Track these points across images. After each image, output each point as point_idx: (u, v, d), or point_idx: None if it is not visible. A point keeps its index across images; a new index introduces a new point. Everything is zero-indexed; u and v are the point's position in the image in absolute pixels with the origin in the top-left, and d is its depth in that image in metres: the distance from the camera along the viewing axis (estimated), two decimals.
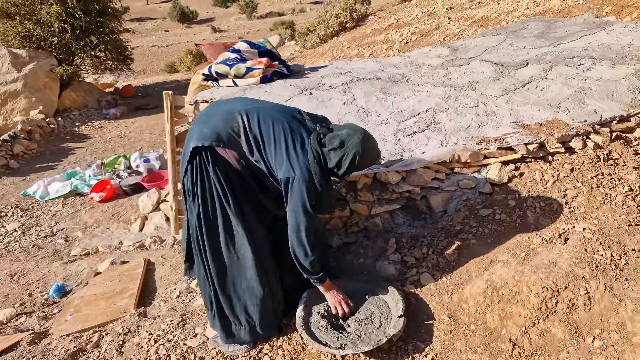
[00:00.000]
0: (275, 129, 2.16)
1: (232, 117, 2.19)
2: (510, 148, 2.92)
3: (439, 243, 2.72)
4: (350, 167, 2.13)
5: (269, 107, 2.30)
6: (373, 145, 2.19)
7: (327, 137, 2.14)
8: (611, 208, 2.65)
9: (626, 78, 3.46)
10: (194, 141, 2.17)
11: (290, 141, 2.14)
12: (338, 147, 2.10)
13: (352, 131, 2.14)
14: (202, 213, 2.25)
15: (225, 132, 2.17)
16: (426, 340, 2.27)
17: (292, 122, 2.20)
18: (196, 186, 2.22)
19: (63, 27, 8.70)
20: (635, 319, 2.15)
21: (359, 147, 2.09)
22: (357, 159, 2.10)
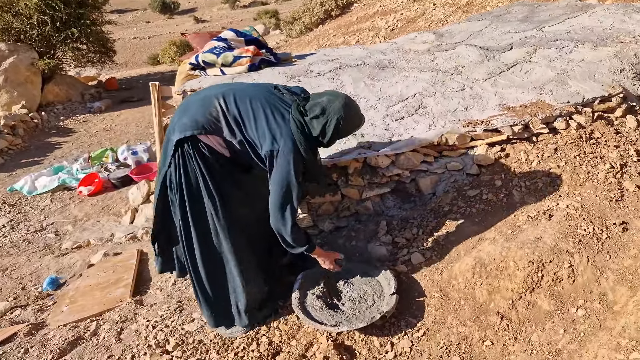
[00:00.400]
0: (253, 106, 2.14)
1: (209, 103, 2.18)
2: (496, 130, 2.99)
3: (429, 224, 2.79)
4: (334, 133, 2.11)
5: (245, 87, 2.30)
6: (355, 109, 2.18)
7: (308, 105, 2.12)
8: (593, 185, 2.75)
9: (607, 59, 3.55)
10: (176, 134, 2.15)
11: (270, 114, 2.12)
12: (320, 115, 2.08)
13: (332, 97, 2.12)
14: (189, 206, 2.23)
15: (204, 118, 2.15)
16: (418, 316, 2.35)
17: (270, 97, 2.19)
18: (180, 179, 2.20)
19: (43, 19, 8.50)
20: (616, 288, 2.25)
21: (342, 112, 2.07)
22: (340, 124, 2.08)
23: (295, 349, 2.28)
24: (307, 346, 2.29)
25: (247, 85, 2.33)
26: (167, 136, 2.26)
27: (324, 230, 3.01)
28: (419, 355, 2.18)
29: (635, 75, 3.44)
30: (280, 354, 2.28)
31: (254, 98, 2.17)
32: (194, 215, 2.25)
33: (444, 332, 2.25)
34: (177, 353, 2.39)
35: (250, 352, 2.31)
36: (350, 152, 2.89)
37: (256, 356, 2.27)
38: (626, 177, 2.81)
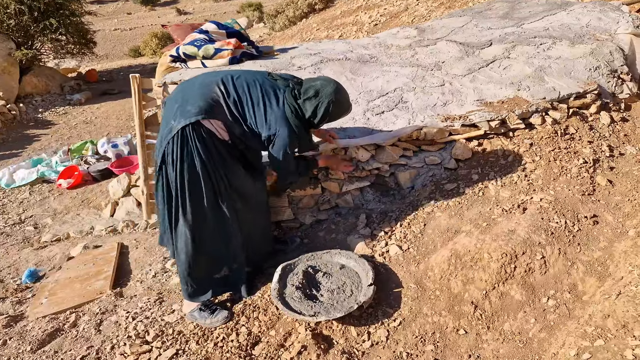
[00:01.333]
0: (251, 92, 2.31)
1: (209, 88, 2.30)
2: (473, 125, 3.05)
3: (407, 217, 2.84)
4: (324, 114, 2.33)
5: (241, 73, 2.42)
6: (345, 95, 2.41)
7: (302, 88, 2.33)
8: (567, 179, 2.83)
9: (583, 57, 3.64)
10: (179, 120, 2.21)
11: (267, 100, 2.30)
12: (313, 96, 2.29)
13: (325, 82, 2.33)
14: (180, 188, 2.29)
15: (206, 103, 2.25)
16: (395, 306, 2.40)
17: (265, 83, 2.36)
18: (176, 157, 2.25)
19: (20, 8, 8.30)
20: (585, 279, 2.33)
21: (333, 96, 2.30)
22: (330, 107, 2.31)
23: (274, 338, 2.31)
24: (286, 336, 2.32)
25: (242, 72, 2.44)
26: (165, 122, 2.31)
27: (305, 223, 3.04)
28: (394, 344, 2.23)
29: (610, 72, 3.53)
30: (260, 344, 2.31)
31: (251, 84, 2.33)
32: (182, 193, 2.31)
33: (419, 322, 2.30)
34: (157, 343, 2.41)
35: (229, 342, 2.33)
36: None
37: (235, 346, 2.29)
38: (598, 172, 2.90)
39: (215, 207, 2.36)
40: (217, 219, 2.39)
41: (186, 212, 2.32)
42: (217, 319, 2.45)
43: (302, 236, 2.98)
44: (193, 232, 2.35)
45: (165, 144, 2.27)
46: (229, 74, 2.38)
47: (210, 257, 2.46)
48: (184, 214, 2.32)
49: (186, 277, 2.44)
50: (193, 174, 2.28)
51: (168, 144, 2.26)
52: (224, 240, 2.45)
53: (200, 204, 2.33)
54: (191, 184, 2.29)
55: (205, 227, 2.38)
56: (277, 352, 2.24)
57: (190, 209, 2.31)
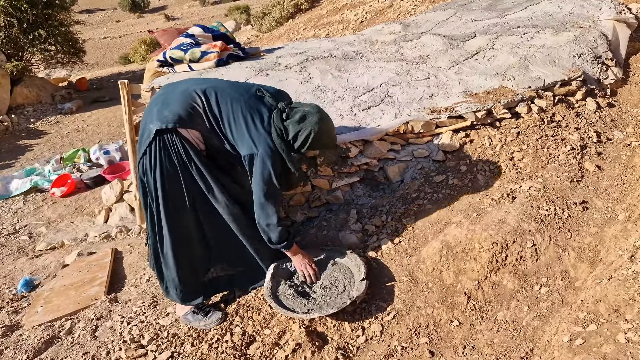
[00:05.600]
0: (234, 108, 2.23)
1: (190, 98, 2.24)
2: (460, 116, 3.05)
3: (397, 210, 2.85)
4: (304, 142, 2.24)
5: (226, 86, 2.34)
6: (329, 127, 2.33)
7: (291, 112, 2.25)
8: (555, 167, 2.84)
9: (567, 44, 3.65)
10: (155, 123, 2.18)
11: (250, 119, 2.21)
12: (297, 121, 2.22)
13: (313, 110, 2.26)
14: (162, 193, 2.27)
15: (185, 112, 2.20)
16: (388, 300, 2.40)
17: (250, 100, 2.27)
18: (155, 167, 2.23)
19: (9, 20, 8.28)
20: (577, 265, 2.34)
21: (316, 127, 2.22)
22: (311, 135, 2.23)
23: (269, 337, 2.31)
24: (280, 334, 2.32)
25: (227, 84, 2.37)
26: (143, 126, 2.28)
27: (296, 221, 3.04)
28: (389, 338, 2.23)
29: (594, 58, 3.55)
30: (254, 343, 2.31)
31: (234, 100, 2.25)
32: (166, 201, 2.29)
33: (413, 315, 2.31)
34: (152, 347, 2.41)
35: (224, 342, 2.33)
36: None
37: (230, 346, 2.29)
38: (586, 157, 2.92)
39: (192, 211, 2.34)
40: (196, 222, 2.38)
41: (167, 216, 2.31)
42: (211, 321, 2.46)
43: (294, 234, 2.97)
44: (174, 237, 2.35)
45: (144, 147, 2.25)
46: (213, 86, 2.29)
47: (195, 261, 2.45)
48: (166, 218, 2.31)
49: (176, 282, 2.44)
50: (172, 181, 2.25)
51: (147, 149, 2.23)
52: (205, 244, 2.45)
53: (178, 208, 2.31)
54: (170, 190, 2.27)
55: (185, 231, 2.37)
56: (272, 350, 2.24)
57: (168, 213, 2.30)
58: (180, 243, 2.37)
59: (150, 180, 2.27)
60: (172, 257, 2.37)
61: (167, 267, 2.42)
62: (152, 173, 2.25)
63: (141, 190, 2.40)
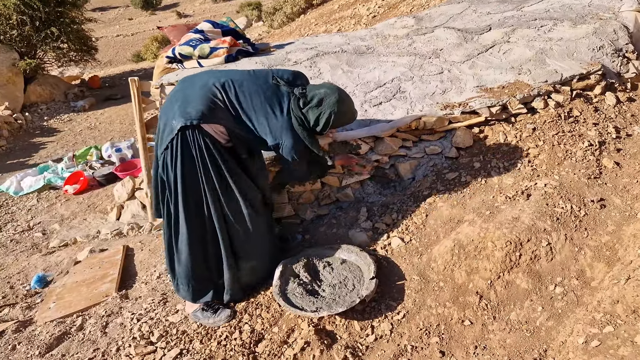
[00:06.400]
0: (253, 101, 2.26)
1: (210, 92, 2.25)
2: (474, 112, 2.99)
3: (408, 208, 2.80)
4: (326, 124, 2.29)
5: (244, 78, 2.34)
6: (349, 105, 2.37)
7: (308, 97, 2.27)
8: (571, 163, 2.76)
9: (586, 37, 3.55)
10: (179, 120, 2.17)
11: (270, 110, 2.25)
12: (316, 106, 2.25)
13: (329, 90, 2.28)
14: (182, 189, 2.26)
15: (207, 108, 2.20)
16: (398, 299, 2.36)
17: (268, 90, 2.29)
18: (176, 162, 2.23)
19: (22, 19, 8.38)
20: (593, 265, 2.27)
21: (335, 107, 2.26)
22: (332, 117, 2.27)
23: (277, 335, 2.29)
24: (289, 332, 2.29)
25: (245, 75, 2.36)
26: (164, 121, 2.27)
27: (306, 219, 3.01)
28: (399, 337, 2.19)
29: (614, 51, 3.44)
30: (263, 341, 2.29)
31: (252, 92, 2.27)
32: (186, 197, 2.28)
33: (423, 314, 2.26)
34: (161, 344, 2.41)
35: (233, 340, 2.31)
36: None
37: (239, 344, 2.28)
38: (605, 154, 2.83)
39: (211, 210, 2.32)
40: (211, 222, 2.35)
41: (186, 212, 2.30)
42: (220, 318, 2.44)
43: (303, 232, 2.95)
44: (190, 233, 2.33)
45: (166, 143, 2.24)
46: (232, 80, 2.30)
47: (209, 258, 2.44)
48: (185, 214, 2.30)
49: (189, 278, 2.43)
50: (192, 176, 2.25)
51: (169, 145, 2.23)
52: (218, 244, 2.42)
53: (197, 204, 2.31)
54: (190, 186, 2.26)
55: (201, 228, 2.36)
56: (281, 349, 2.22)
57: (187, 208, 2.30)
58: (196, 239, 2.36)
59: (171, 175, 2.27)
60: (188, 252, 2.36)
61: (180, 263, 2.41)
62: (173, 168, 2.25)
63: (159, 186, 2.41)
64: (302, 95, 2.26)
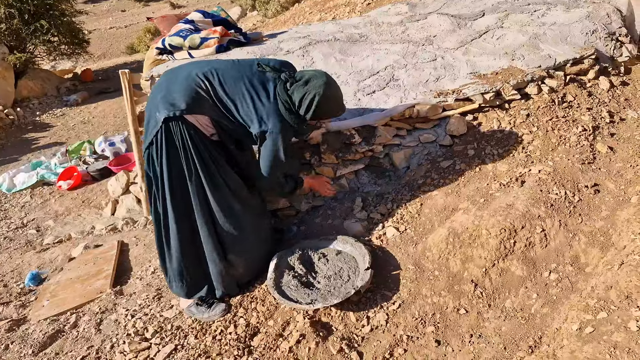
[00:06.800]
0: (237, 87, 2.20)
1: (194, 82, 2.20)
2: (467, 99, 2.96)
3: (403, 198, 2.78)
4: (309, 106, 2.17)
5: (228, 66, 2.30)
6: (335, 92, 2.26)
7: (296, 78, 2.21)
8: (565, 149, 2.74)
9: (579, 21, 3.51)
10: (162, 112, 2.14)
11: (256, 96, 2.19)
12: (302, 85, 2.16)
13: (318, 74, 2.22)
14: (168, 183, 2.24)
15: (191, 98, 2.16)
16: (393, 289, 2.35)
17: (253, 77, 2.24)
18: (162, 157, 2.20)
19: (10, 12, 8.24)
20: (587, 250, 2.27)
21: (321, 90, 2.15)
22: (316, 99, 2.15)
23: (273, 328, 2.28)
24: (284, 325, 2.28)
25: (228, 64, 2.32)
26: (148, 115, 2.25)
27: (301, 210, 2.99)
28: (394, 328, 2.19)
29: (607, 35, 3.41)
30: (258, 335, 2.28)
31: (237, 79, 2.21)
32: (173, 192, 2.26)
33: (419, 304, 2.26)
34: (156, 340, 2.39)
35: (228, 334, 2.30)
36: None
37: (234, 338, 2.27)
38: (598, 139, 2.81)
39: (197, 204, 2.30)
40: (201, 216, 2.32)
41: (174, 207, 2.28)
42: (214, 312, 2.43)
43: (298, 224, 2.93)
44: (180, 228, 2.32)
45: (151, 137, 2.21)
46: (215, 68, 2.25)
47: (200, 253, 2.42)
48: (173, 209, 2.28)
49: (182, 274, 2.41)
50: (179, 170, 2.22)
51: (154, 139, 2.20)
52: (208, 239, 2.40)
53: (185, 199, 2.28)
54: (177, 180, 2.24)
55: (191, 223, 2.34)
56: (276, 342, 2.21)
57: (175, 203, 2.28)
58: (187, 234, 2.35)
59: (157, 170, 2.25)
60: (179, 248, 2.35)
61: (172, 259, 2.39)
62: (159, 163, 2.23)
63: (147, 182, 2.38)
64: (289, 77, 2.20)
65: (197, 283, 2.46)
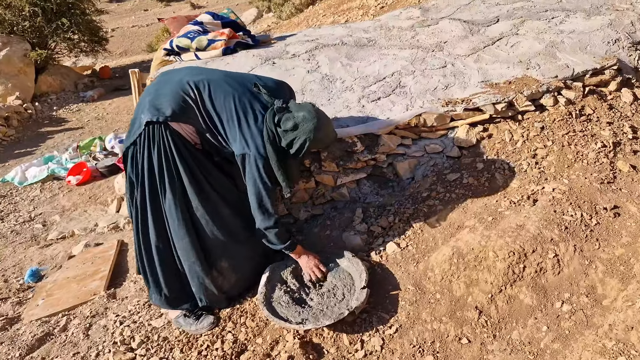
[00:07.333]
0: (226, 105, 2.12)
1: (183, 90, 2.14)
2: (478, 109, 2.79)
3: (406, 211, 2.64)
4: (300, 149, 2.12)
5: (221, 79, 2.21)
6: (326, 132, 2.17)
7: (283, 117, 2.10)
8: (583, 166, 2.55)
9: (601, 29, 3.30)
10: (146, 114, 2.09)
11: (243, 117, 2.11)
12: (291, 130, 2.08)
13: (308, 115, 2.09)
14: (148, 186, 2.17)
15: (177, 105, 2.11)
16: (391, 311, 2.21)
17: (245, 95, 2.15)
18: (143, 159, 2.14)
19: (34, 10, 8.45)
20: (605, 281, 2.08)
21: (311, 135, 2.08)
22: (307, 144, 2.10)
23: (261, 347, 2.17)
24: (273, 344, 2.17)
25: (223, 76, 2.24)
26: (135, 115, 2.20)
27: (299, 218, 2.87)
28: (390, 354, 2.04)
29: (631, 45, 3.20)
30: (245, 353, 2.17)
31: (227, 94, 2.13)
32: (154, 197, 2.19)
33: (417, 329, 2.11)
34: (141, 351, 2.31)
35: (214, 350, 2.20)
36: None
37: (220, 355, 2.16)
38: (619, 156, 2.61)
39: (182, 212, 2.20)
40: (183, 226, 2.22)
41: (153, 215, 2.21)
42: (202, 325, 2.33)
43: (296, 233, 2.81)
44: (159, 237, 2.24)
45: (133, 138, 2.15)
46: (207, 79, 2.17)
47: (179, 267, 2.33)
48: (152, 217, 2.21)
49: (160, 286, 2.33)
50: (159, 175, 2.15)
51: (137, 139, 2.14)
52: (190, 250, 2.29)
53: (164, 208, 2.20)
54: (157, 185, 2.16)
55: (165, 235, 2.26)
56: None
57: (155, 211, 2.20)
58: (166, 244, 2.26)
59: (139, 174, 2.18)
60: (157, 257, 2.26)
61: (152, 269, 2.30)
62: (141, 167, 2.16)
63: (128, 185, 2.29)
64: (279, 111, 2.10)
65: (178, 296, 2.37)
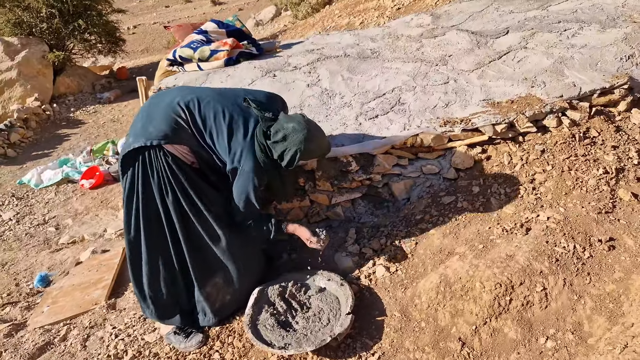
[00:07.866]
0: (217, 121, 2.15)
1: (174, 111, 2.16)
2: (477, 129, 2.73)
3: (398, 233, 2.61)
4: (291, 161, 2.12)
5: (210, 96, 2.24)
6: (318, 143, 2.16)
7: (272, 128, 2.11)
8: (581, 194, 2.46)
9: (614, 44, 3.17)
10: (140, 140, 2.12)
11: (233, 132, 2.14)
12: (280, 141, 2.09)
13: (298, 126, 2.08)
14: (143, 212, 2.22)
15: (170, 128, 2.14)
16: (375, 337, 2.20)
17: (235, 111, 2.18)
18: (138, 184, 2.18)
19: (51, 12, 8.60)
20: (593, 318, 2.02)
21: (301, 145, 2.07)
22: (297, 155, 2.10)
23: None
24: None
25: (213, 94, 2.26)
26: (127, 140, 2.22)
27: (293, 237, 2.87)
28: None
29: None
30: None
31: (218, 112, 2.16)
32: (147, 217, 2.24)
33: (399, 358, 2.09)
34: None
35: None
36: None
37: None
38: (622, 183, 2.51)
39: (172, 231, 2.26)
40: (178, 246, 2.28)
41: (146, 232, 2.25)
42: (190, 344, 2.38)
43: (289, 251, 2.82)
44: (150, 256, 2.29)
45: (121, 158, 2.20)
46: (196, 97, 2.20)
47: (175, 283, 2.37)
48: (145, 234, 2.25)
49: (148, 301, 2.37)
50: (154, 199, 2.20)
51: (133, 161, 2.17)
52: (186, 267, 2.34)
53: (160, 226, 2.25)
54: (151, 208, 2.21)
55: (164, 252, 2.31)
56: None
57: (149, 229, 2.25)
58: (156, 262, 2.31)
59: (133, 196, 2.22)
60: (148, 274, 2.32)
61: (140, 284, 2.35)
62: (136, 189, 2.20)
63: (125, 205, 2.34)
64: (268, 122, 2.11)
65: (167, 312, 2.41)
